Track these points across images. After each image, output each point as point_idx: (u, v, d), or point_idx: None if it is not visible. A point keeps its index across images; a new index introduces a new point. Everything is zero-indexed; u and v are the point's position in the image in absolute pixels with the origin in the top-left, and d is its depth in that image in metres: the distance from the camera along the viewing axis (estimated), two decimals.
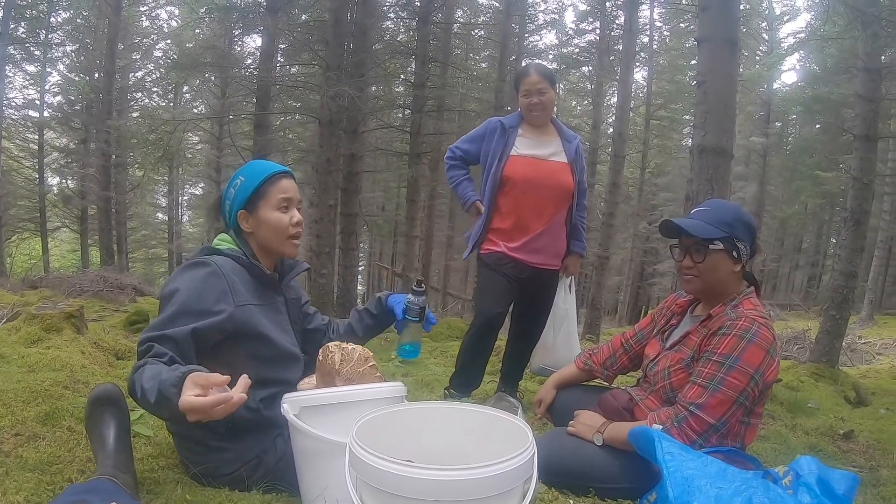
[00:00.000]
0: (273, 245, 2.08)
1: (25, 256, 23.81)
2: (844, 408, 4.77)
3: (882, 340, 13.15)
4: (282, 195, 2.06)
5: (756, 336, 1.91)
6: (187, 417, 1.48)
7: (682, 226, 2.10)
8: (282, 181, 2.08)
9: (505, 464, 1.24)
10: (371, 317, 2.42)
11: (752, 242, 2.10)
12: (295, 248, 2.12)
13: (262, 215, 2.05)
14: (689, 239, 2.11)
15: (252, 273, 2.02)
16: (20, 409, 2.35)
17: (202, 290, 1.85)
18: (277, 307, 2.13)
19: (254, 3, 12.46)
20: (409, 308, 2.25)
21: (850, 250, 6.64)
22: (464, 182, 3.41)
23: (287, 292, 2.21)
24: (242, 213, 2.07)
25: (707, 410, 1.90)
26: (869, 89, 6.78)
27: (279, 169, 2.11)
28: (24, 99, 20.15)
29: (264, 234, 2.06)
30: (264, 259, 2.10)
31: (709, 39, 4.07)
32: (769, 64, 15.08)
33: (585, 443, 2.13)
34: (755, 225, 2.14)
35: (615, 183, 14.62)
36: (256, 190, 2.05)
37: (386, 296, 2.42)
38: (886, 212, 18.29)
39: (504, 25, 16.18)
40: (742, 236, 2.06)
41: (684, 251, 2.14)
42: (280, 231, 2.06)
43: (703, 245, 2.07)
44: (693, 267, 2.11)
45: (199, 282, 1.87)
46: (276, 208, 2.05)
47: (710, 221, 2.06)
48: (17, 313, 4.99)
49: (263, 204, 2.05)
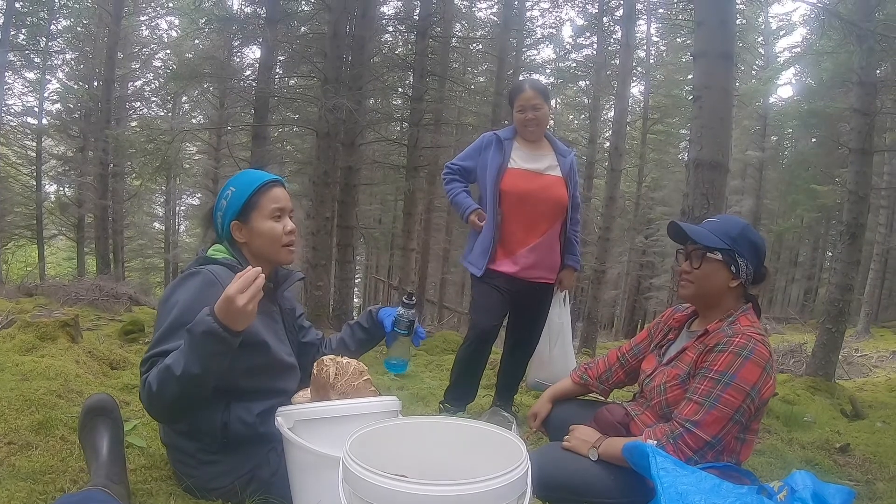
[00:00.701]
0: (268, 254, 2.08)
1: (21, 264, 23.74)
2: (841, 421, 4.76)
3: (878, 353, 13.13)
4: (274, 205, 2.07)
5: (753, 353, 1.91)
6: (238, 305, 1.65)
7: (685, 229, 2.12)
8: (273, 190, 2.09)
9: (498, 479, 1.23)
10: (363, 330, 2.41)
11: (756, 263, 2.10)
12: (291, 256, 2.12)
13: (255, 225, 2.06)
14: (692, 245, 2.12)
15: None
16: (13, 418, 2.34)
17: (198, 299, 1.85)
18: (273, 316, 2.13)
19: (253, 15, 12.52)
20: (398, 321, 2.23)
21: (846, 263, 6.64)
22: (462, 193, 3.40)
23: (282, 302, 2.21)
24: (235, 224, 2.07)
25: (703, 427, 1.89)
26: (864, 103, 6.80)
27: (270, 178, 2.12)
28: (22, 106, 20.15)
29: (258, 244, 2.07)
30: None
31: (705, 54, 4.10)
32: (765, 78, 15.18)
33: (580, 458, 2.11)
34: (763, 246, 2.12)
35: (612, 197, 14.64)
36: (248, 200, 2.05)
37: (377, 309, 2.42)
38: (882, 225, 18.36)
39: (502, 40, 16.25)
40: (744, 253, 2.06)
41: (686, 256, 2.16)
42: (274, 240, 2.06)
43: (702, 252, 2.09)
44: (690, 272, 2.12)
45: (195, 291, 1.88)
46: (269, 217, 2.06)
47: (714, 231, 2.08)
48: (13, 321, 4.97)
49: (256, 214, 2.06)
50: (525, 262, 3.21)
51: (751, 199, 23.47)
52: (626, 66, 14.47)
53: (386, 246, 23.78)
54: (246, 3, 13.69)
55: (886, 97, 8.37)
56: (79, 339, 3.89)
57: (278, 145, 18.30)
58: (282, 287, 2.21)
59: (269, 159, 13.18)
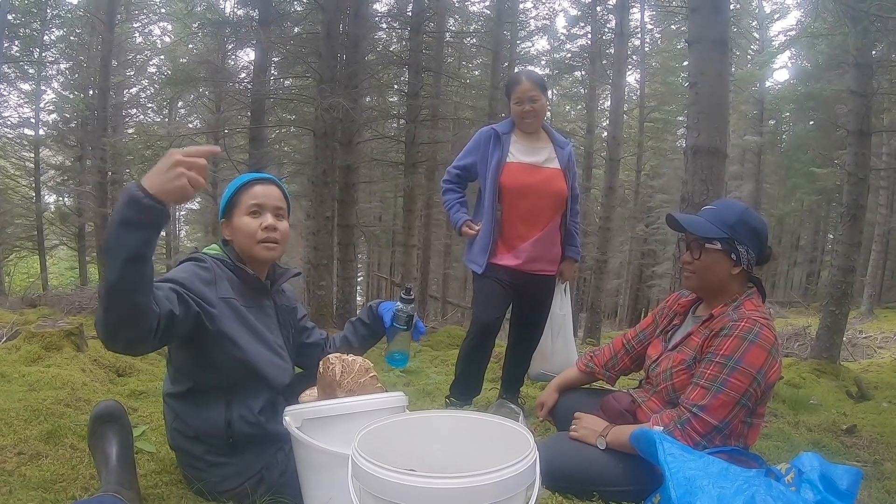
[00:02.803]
0: (246, 249, 2.09)
1: (24, 275, 23.79)
2: (847, 403, 4.76)
3: (883, 334, 13.15)
4: (252, 201, 2.08)
5: (758, 337, 1.91)
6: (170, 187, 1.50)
7: (681, 221, 2.12)
8: (254, 188, 2.11)
9: (506, 470, 1.24)
10: (364, 326, 2.42)
11: (758, 247, 2.09)
12: (267, 252, 2.09)
13: (234, 222, 2.10)
14: (691, 235, 2.12)
15: (237, 275, 2.04)
16: (22, 428, 2.35)
17: (191, 272, 1.89)
18: (265, 309, 2.13)
19: (246, 17, 12.52)
20: (397, 316, 2.23)
21: (848, 245, 6.65)
22: (456, 205, 3.37)
23: (276, 298, 2.21)
24: (223, 223, 2.14)
25: (710, 412, 1.90)
26: (861, 84, 6.80)
27: (254, 177, 2.16)
28: (19, 117, 20.21)
29: (239, 240, 2.09)
30: (250, 266, 2.10)
31: (699, 41, 4.10)
32: (761, 63, 15.17)
33: (587, 447, 2.12)
34: (763, 230, 2.10)
35: (611, 186, 14.65)
36: (230, 199, 2.11)
37: (377, 304, 2.42)
38: (883, 206, 18.35)
39: (496, 33, 16.21)
40: (744, 239, 2.05)
41: (687, 246, 2.16)
42: (249, 235, 2.06)
43: (701, 243, 2.09)
44: (691, 263, 2.12)
45: (188, 268, 1.91)
46: (246, 213, 2.08)
47: (712, 220, 2.07)
48: (17, 332, 4.99)
49: (236, 211, 2.10)
50: (527, 256, 3.21)
51: (750, 183, 23.48)
52: (621, 54, 14.47)
53: (387, 243, 23.80)
54: (238, 6, 13.71)
55: (883, 78, 8.35)
56: (84, 348, 3.90)
57: (276, 147, 18.27)
58: (277, 283, 2.22)
59: (268, 161, 13.17)
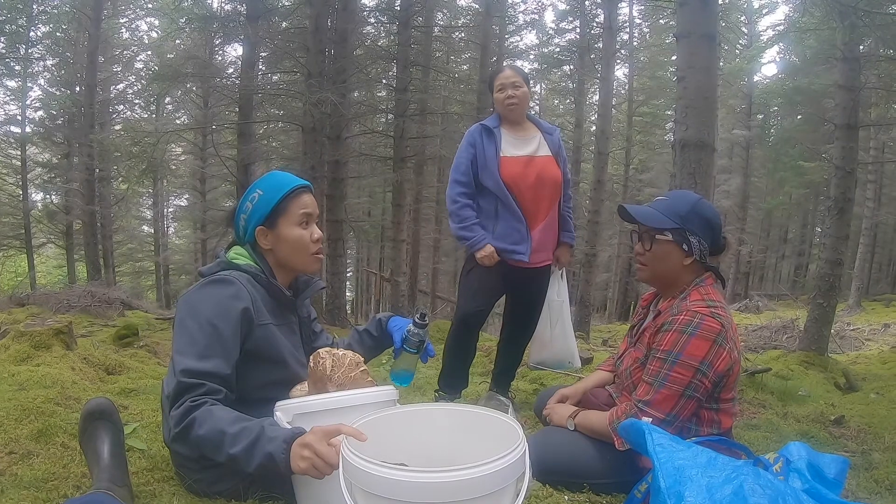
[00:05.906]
0: (294, 262, 2.01)
1: (11, 274, 23.62)
2: (835, 394, 4.80)
3: (870, 326, 13.28)
4: (302, 210, 1.99)
5: (698, 328, 1.91)
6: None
7: (631, 212, 2.13)
8: (302, 196, 2.01)
9: (496, 463, 1.25)
10: (371, 338, 2.36)
11: (711, 237, 2.07)
12: (318, 264, 2.05)
13: (282, 232, 1.98)
14: (642, 226, 2.12)
15: (270, 292, 1.97)
16: (13, 428, 2.34)
17: (227, 308, 1.79)
18: (292, 327, 2.08)
19: (234, 12, 12.44)
20: (408, 339, 2.15)
21: (835, 238, 6.69)
22: (475, 225, 3.17)
23: (301, 311, 2.16)
24: (261, 230, 1.99)
25: (655, 406, 1.94)
26: (849, 79, 6.84)
27: (300, 183, 2.02)
28: (5, 115, 19.94)
29: (285, 252, 2.00)
30: (281, 276, 2.03)
31: (687, 35, 4.09)
32: (749, 57, 15.18)
33: (575, 441, 2.16)
34: (716, 220, 2.09)
35: (600, 180, 14.69)
36: (276, 206, 1.97)
37: (387, 318, 2.34)
38: (870, 199, 18.52)
39: (484, 27, 16.20)
40: (696, 230, 2.04)
41: (639, 237, 2.16)
42: (302, 248, 1.99)
43: (652, 234, 2.09)
44: (643, 254, 2.13)
45: (226, 300, 1.81)
46: (297, 224, 1.98)
47: (663, 211, 2.07)
48: (6, 331, 4.94)
49: (283, 220, 1.98)
50: (533, 247, 3.20)
51: (738, 177, 23.60)
52: (609, 49, 14.50)
53: (376, 238, 23.74)
54: (226, 1, 13.65)
55: (870, 72, 8.40)
56: (73, 347, 3.88)
57: (264, 142, 18.18)
58: (302, 295, 2.15)
59: (256, 157, 13.10)
